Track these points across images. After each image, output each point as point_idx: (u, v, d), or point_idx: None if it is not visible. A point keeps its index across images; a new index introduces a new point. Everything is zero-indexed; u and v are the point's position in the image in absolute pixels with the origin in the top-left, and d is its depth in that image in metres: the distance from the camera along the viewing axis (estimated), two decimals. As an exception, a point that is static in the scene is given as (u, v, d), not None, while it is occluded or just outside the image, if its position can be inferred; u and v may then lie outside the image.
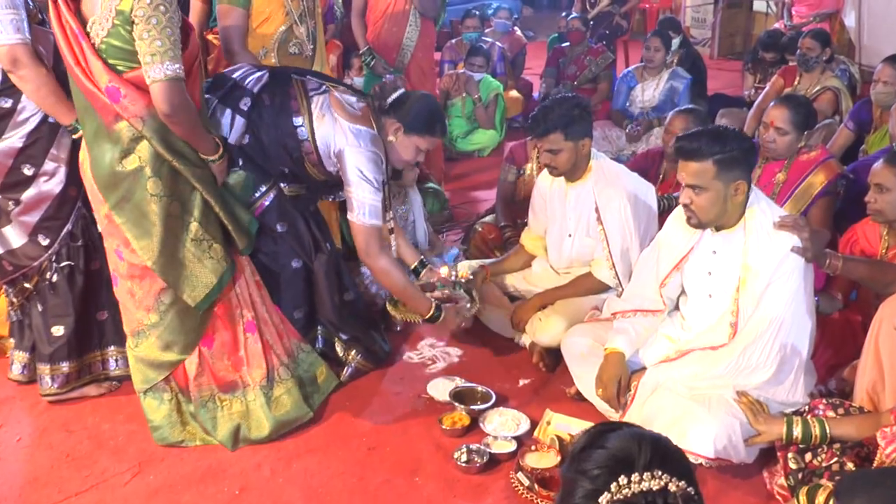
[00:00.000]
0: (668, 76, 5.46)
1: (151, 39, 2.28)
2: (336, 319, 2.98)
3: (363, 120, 2.77)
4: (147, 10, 2.27)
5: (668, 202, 3.45)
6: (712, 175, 2.36)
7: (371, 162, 2.72)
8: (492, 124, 5.82)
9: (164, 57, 2.29)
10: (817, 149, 3.35)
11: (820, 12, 7.28)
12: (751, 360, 2.40)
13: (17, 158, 2.69)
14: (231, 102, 2.72)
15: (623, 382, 2.59)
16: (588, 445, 1.23)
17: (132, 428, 2.80)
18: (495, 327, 3.36)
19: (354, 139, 2.71)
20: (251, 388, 2.74)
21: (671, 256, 2.62)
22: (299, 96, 2.75)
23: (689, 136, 2.42)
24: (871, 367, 2.37)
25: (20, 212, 2.75)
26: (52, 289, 2.84)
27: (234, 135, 2.71)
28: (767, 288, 2.38)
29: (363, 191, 2.71)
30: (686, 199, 2.42)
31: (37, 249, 2.79)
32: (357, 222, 2.75)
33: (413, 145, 2.84)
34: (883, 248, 2.80)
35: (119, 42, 2.35)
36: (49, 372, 2.89)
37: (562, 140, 2.97)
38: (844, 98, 4.91)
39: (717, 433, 2.31)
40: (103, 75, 2.36)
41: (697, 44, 8.91)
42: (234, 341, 2.74)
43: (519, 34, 7.49)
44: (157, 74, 2.30)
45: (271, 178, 2.80)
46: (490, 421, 2.74)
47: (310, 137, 2.73)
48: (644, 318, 2.68)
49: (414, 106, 2.82)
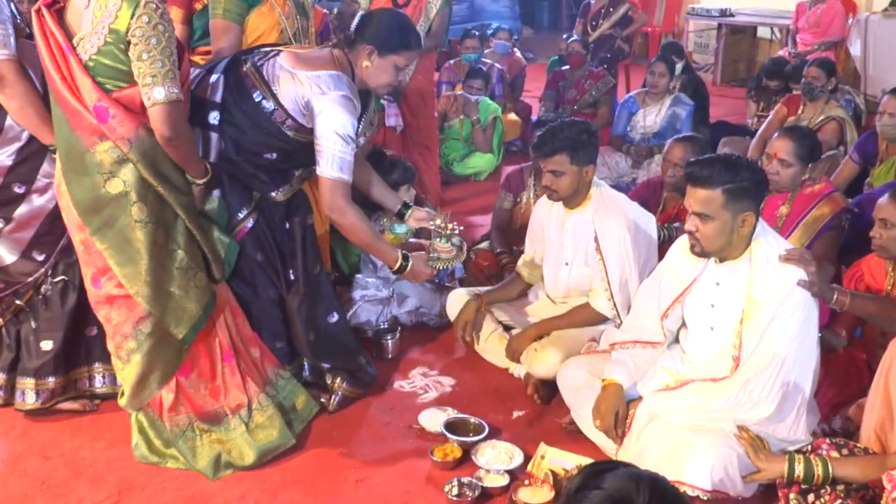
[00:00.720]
0: (670, 102, 5.50)
1: (152, 60, 2.28)
2: (311, 352, 2.95)
3: (323, 64, 2.67)
4: (146, 31, 2.26)
5: (669, 233, 3.46)
6: (720, 204, 2.36)
7: (339, 106, 2.59)
8: (489, 148, 5.84)
9: (166, 79, 2.29)
10: (821, 181, 3.36)
11: (825, 41, 7.38)
12: (752, 394, 2.40)
13: (6, 177, 2.70)
14: (198, 121, 2.64)
15: (621, 414, 2.58)
16: (584, 486, 1.22)
17: (112, 455, 2.77)
18: (490, 357, 3.35)
19: (316, 86, 2.60)
20: (231, 417, 2.72)
21: (673, 287, 2.62)
22: (250, 72, 2.66)
23: (701, 162, 2.42)
24: (879, 406, 2.35)
25: (12, 230, 2.75)
26: (45, 303, 2.85)
27: (213, 153, 2.68)
28: (772, 322, 2.38)
29: (331, 142, 2.60)
30: (692, 226, 2.43)
31: (32, 265, 2.80)
32: (324, 175, 2.62)
33: (391, 65, 2.71)
34: (889, 284, 2.80)
35: (110, 61, 2.33)
36: (34, 387, 2.87)
37: (567, 163, 2.98)
38: (849, 128, 4.94)
39: (715, 465, 2.30)
40: (92, 94, 2.34)
41: (700, 69, 9.00)
42: (211, 370, 2.72)
43: (518, 56, 7.53)
44: (158, 96, 2.29)
45: (252, 200, 2.76)
46: (483, 453, 2.72)
47: (276, 105, 2.63)
48: (643, 350, 2.68)
49: (382, 24, 2.70)
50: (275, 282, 2.86)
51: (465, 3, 10.56)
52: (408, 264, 2.80)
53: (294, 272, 2.89)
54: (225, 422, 2.72)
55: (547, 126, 3.11)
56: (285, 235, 2.86)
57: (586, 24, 7.48)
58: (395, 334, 3.47)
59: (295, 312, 2.89)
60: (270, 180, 2.78)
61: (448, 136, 5.78)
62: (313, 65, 2.65)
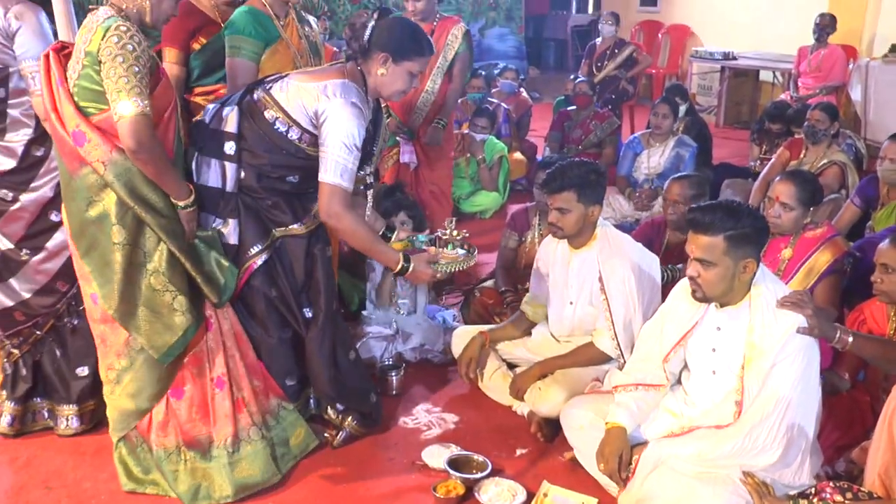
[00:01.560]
0: (674, 143, 5.54)
1: (117, 77, 2.32)
2: (332, 391, 2.92)
3: (331, 75, 2.68)
4: (114, 49, 2.31)
5: (672, 273, 3.47)
6: (722, 251, 2.37)
7: (346, 111, 2.58)
8: (495, 186, 5.88)
9: (131, 93, 2.32)
10: (823, 225, 3.37)
11: (826, 85, 7.47)
12: (757, 441, 2.38)
13: (45, 206, 2.79)
14: (214, 152, 2.67)
15: (625, 457, 2.56)
16: None
17: (114, 486, 2.76)
18: (493, 395, 3.35)
19: (323, 95, 2.60)
20: (215, 447, 2.71)
21: (675, 330, 2.63)
22: (261, 97, 2.68)
23: (704, 209, 2.43)
24: (884, 450, 2.35)
25: (43, 259, 2.82)
26: (74, 332, 2.93)
27: (230, 183, 2.69)
28: (773, 368, 2.38)
29: (335, 148, 2.58)
30: (693, 272, 2.44)
31: (53, 297, 2.88)
32: (324, 180, 2.59)
33: (405, 72, 2.71)
34: (891, 328, 2.81)
35: (88, 83, 2.39)
36: (77, 412, 2.99)
37: (573, 200, 3.00)
38: (851, 173, 4.98)
39: (723, 513, 2.29)
40: (72, 119, 2.41)
41: (703, 111, 9.09)
42: (202, 395, 2.71)
43: (525, 95, 7.61)
44: (122, 110, 2.32)
45: (269, 237, 2.75)
46: (485, 491, 2.72)
47: (290, 122, 2.63)
48: (646, 393, 2.67)
49: (395, 32, 2.71)
50: (289, 320, 2.85)
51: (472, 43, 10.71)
52: (409, 266, 2.77)
53: (310, 308, 2.86)
54: (209, 450, 2.71)
55: (556, 164, 3.14)
56: (304, 270, 2.83)
57: (592, 65, 7.57)
58: (399, 371, 3.47)
59: (316, 351, 2.85)
60: (292, 212, 2.76)
61: (455, 175, 5.80)
62: (321, 77, 2.68)
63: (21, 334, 2.93)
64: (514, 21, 11.36)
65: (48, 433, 3.06)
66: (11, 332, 2.93)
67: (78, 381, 2.98)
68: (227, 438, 2.71)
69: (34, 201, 2.77)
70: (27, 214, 2.78)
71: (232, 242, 2.72)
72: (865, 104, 7.44)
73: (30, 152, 2.74)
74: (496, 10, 11.10)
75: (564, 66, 13.09)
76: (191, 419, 2.70)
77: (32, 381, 2.99)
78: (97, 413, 3.02)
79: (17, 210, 2.78)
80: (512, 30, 11.34)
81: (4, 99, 2.66)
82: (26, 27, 2.59)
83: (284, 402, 2.88)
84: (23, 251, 2.82)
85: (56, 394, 3.01)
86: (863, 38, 8.29)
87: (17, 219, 2.78)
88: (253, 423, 2.75)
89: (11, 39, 2.60)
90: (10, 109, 2.68)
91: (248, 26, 3.13)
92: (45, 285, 2.87)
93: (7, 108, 2.68)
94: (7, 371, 3.00)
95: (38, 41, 2.62)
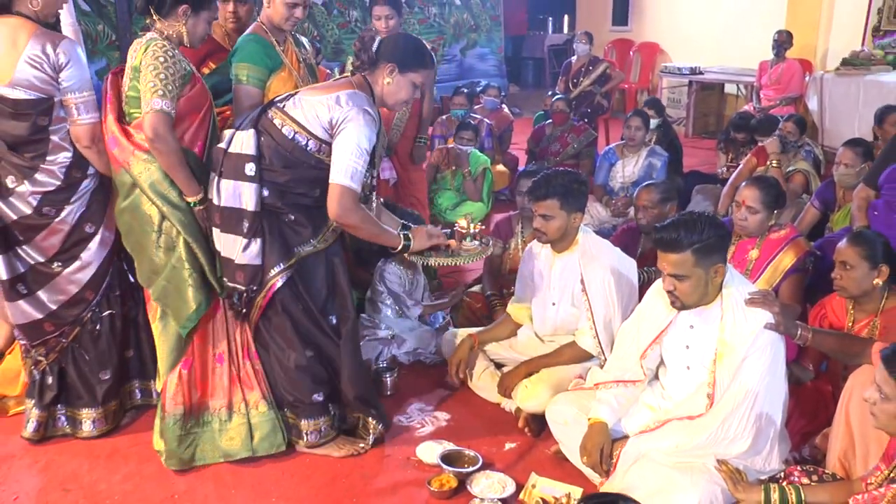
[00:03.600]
0: (646, 154, 5.56)
1: (146, 81, 2.63)
2: (362, 391, 2.96)
3: (340, 87, 2.71)
4: (149, 60, 2.64)
5: (648, 275, 3.50)
6: (692, 263, 2.38)
7: (360, 118, 2.61)
8: (479, 197, 5.89)
9: (155, 94, 2.61)
10: (786, 227, 3.41)
11: (786, 96, 7.57)
12: (729, 431, 2.41)
13: (81, 217, 2.86)
14: (235, 174, 2.67)
15: (606, 450, 2.58)
16: None
17: (128, 488, 2.77)
18: (482, 393, 3.37)
19: (336, 105, 2.63)
20: (212, 415, 2.88)
21: (651, 329, 2.65)
22: (276, 114, 2.69)
23: (666, 228, 2.42)
24: (842, 435, 2.39)
25: (76, 270, 2.89)
26: (98, 337, 2.99)
27: (252, 202, 2.66)
28: (743, 362, 2.41)
29: (348, 153, 2.61)
30: (670, 286, 2.45)
31: (81, 306, 2.93)
32: (335, 182, 2.61)
33: (409, 82, 2.77)
34: (849, 321, 2.85)
35: (134, 93, 2.71)
36: (102, 413, 3.04)
37: (557, 208, 3.03)
38: (814, 180, 5.05)
39: (701, 500, 2.30)
40: (110, 127, 2.74)
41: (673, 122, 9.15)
42: (203, 368, 2.87)
43: (506, 111, 7.64)
44: (146, 107, 2.63)
45: (291, 257, 2.74)
46: (477, 483, 2.73)
47: (306, 135, 2.65)
48: (625, 389, 2.69)
49: (401, 45, 2.78)
50: (314, 332, 2.84)
51: (454, 63, 10.78)
52: (410, 243, 2.84)
53: (335, 316, 2.88)
54: (204, 417, 2.88)
55: (542, 173, 3.17)
56: (325, 281, 2.84)
57: (568, 81, 7.61)
58: (393, 372, 3.48)
59: (349, 354, 2.88)
60: (312, 226, 2.76)
61: (441, 187, 5.83)
62: (330, 89, 2.71)
63: (48, 344, 2.95)
64: (493, 41, 11.40)
65: (66, 438, 3.05)
66: (39, 341, 2.94)
67: (101, 384, 3.02)
68: (221, 408, 2.88)
69: (72, 212, 2.83)
70: (66, 227, 2.84)
71: (256, 263, 2.71)
72: (821, 113, 7.53)
73: (70, 174, 2.80)
74: (477, 31, 11.14)
75: (542, 82, 13.15)
76: (194, 389, 2.86)
77: (58, 389, 3.00)
78: (118, 413, 3.12)
79: (59, 223, 2.82)
80: (492, 49, 11.39)
81: (47, 126, 2.72)
82: (73, 62, 2.68)
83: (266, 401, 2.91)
84: (55, 263, 2.86)
85: (80, 400, 3.02)
86: (817, 53, 8.41)
87: (57, 231, 2.83)
88: (244, 399, 2.87)
89: (58, 72, 2.66)
90: (52, 136, 2.74)
91: (254, 55, 3.11)
92: (75, 295, 2.90)
93: (49, 135, 2.74)
94: (35, 377, 3.00)
95: (81, 74, 2.71)
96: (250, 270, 2.71)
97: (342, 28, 9.36)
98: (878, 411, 1.99)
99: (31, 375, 3.01)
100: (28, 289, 2.87)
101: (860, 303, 2.83)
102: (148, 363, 3.14)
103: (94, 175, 2.86)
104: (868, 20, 8.00)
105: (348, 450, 2.94)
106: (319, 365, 2.89)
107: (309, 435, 2.90)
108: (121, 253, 2.97)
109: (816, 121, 7.58)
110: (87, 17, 6.96)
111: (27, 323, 2.91)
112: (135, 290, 3.05)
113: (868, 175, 3.89)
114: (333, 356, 2.90)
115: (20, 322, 2.92)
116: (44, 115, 2.70)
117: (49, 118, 2.71)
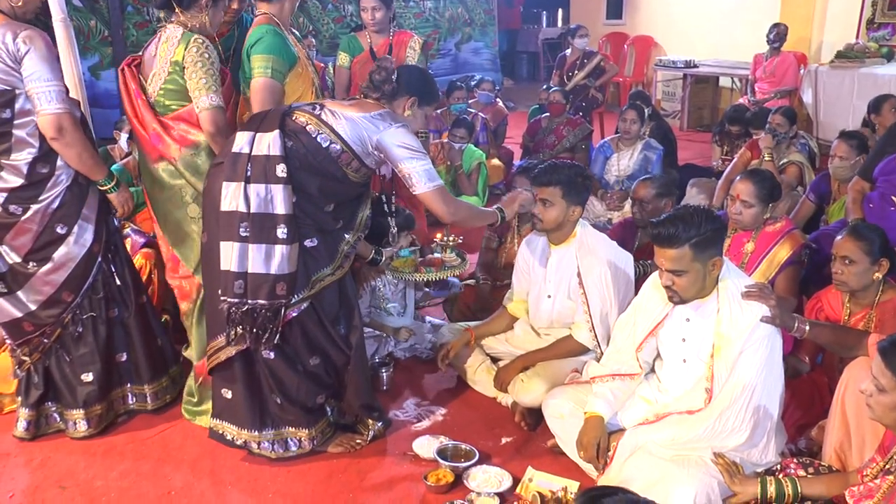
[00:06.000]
0: (641, 147, 5.55)
1: (198, 79, 2.78)
2: (374, 403, 3.03)
3: (370, 107, 2.74)
4: (195, 57, 2.78)
5: (644, 268, 3.50)
6: (690, 258, 2.37)
7: (403, 132, 2.69)
8: (474, 191, 5.89)
9: (209, 91, 2.78)
10: (782, 220, 3.41)
11: (780, 89, 7.56)
12: (726, 424, 2.40)
13: (51, 218, 2.80)
14: (265, 177, 2.56)
15: (602, 444, 2.58)
16: None
17: (124, 485, 2.76)
18: (479, 388, 3.37)
19: (382, 122, 2.67)
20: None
21: (647, 322, 2.64)
22: (308, 120, 2.64)
23: (663, 223, 2.40)
24: (837, 427, 2.40)
25: (49, 271, 2.85)
26: (79, 339, 2.96)
27: (284, 206, 2.57)
28: (740, 355, 2.40)
29: (411, 163, 2.66)
30: (668, 281, 2.44)
31: (59, 308, 2.90)
32: (425, 190, 2.69)
33: (423, 115, 2.88)
34: (846, 314, 2.85)
35: (174, 86, 2.84)
36: (84, 416, 3.01)
37: (558, 196, 3.02)
38: (808, 171, 5.05)
39: (698, 492, 2.30)
40: (151, 123, 2.87)
41: (668, 116, 9.15)
42: None
43: (501, 105, 7.61)
44: (203, 104, 2.79)
45: (311, 286, 2.69)
46: (474, 478, 2.73)
47: (342, 146, 2.62)
48: (622, 382, 2.69)
49: (423, 80, 2.88)
50: (324, 343, 2.82)
51: (448, 57, 10.74)
52: (504, 214, 3.10)
53: (345, 326, 2.87)
54: None
55: (550, 162, 3.19)
56: (337, 297, 2.83)
57: (562, 75, 7.58)
58: (389, 368, 3.47)
59: (359, 361, 2.89)
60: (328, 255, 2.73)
61: (436, 181, 5.82)
62: (362, 107, 2.73)
63: (30, 343, 2.93)
64: (488, 36, 11.37)
65: (60, 435, 3.05)
66: (21, 340, 2.93)
67: (83, 386, 2.99)
68: None
69: (41, 212, 2.77)
70: (34, 226, 2.78)
71: (294, 271, 2.62)
72: (816, 106, 7.53)
73: (34, 170, 2.73)
74: (471, 25, 11.10)
75: (536, 76, 13.14)
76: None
77: (44, 387, 2.99)
78: (104, 417, 3.06)
79: (26, 221, 2.77)
80: (486, 44, 11.35)
81: (10, 119, 2.67)
82: (34, 51, 2.61)
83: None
84: (30, 263, 2.82)
85: (64, 398, 3.01)
86: (811, 46, 8.39)
87: (26, 231, 2.77)
88: None
89: (19, 63, 2.61)
90: (15, 130, 2.68)
91: (278, 47, 3.06)
92: (51, 296, 2.86)
93: (13, 129, 2.68)
94: (20, 376, 3.00)
95: (44, 64, 2.64)
96: (290, 279, 2.61)
97: (338, 23, 9.31)
98: (874, 403, 1.99)
99: (16, 374, 3.02)
100: (8, 288, 2.85)
101: (856, 296, 2.84)
102: (142, 368, 3.13)
103: (63, 172, 2.78)
104: (862, 12, 8.00)
105: (346, 446, 2.94)
106: (324, 370, 2.87)
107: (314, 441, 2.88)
108: (108, 255, 2.96)
109: (811, 114, 7.59)
110: (80, 12, 6.92)
111: (8, 322, 2.90)
112: (123, 294, 3.03)
113: (863, 168, 3.90)
114: (339, 364, 2.88)
115: (2, 321, 2.91)
116: (4, 107, 2.64)
117: (11, 111, 2.66)
